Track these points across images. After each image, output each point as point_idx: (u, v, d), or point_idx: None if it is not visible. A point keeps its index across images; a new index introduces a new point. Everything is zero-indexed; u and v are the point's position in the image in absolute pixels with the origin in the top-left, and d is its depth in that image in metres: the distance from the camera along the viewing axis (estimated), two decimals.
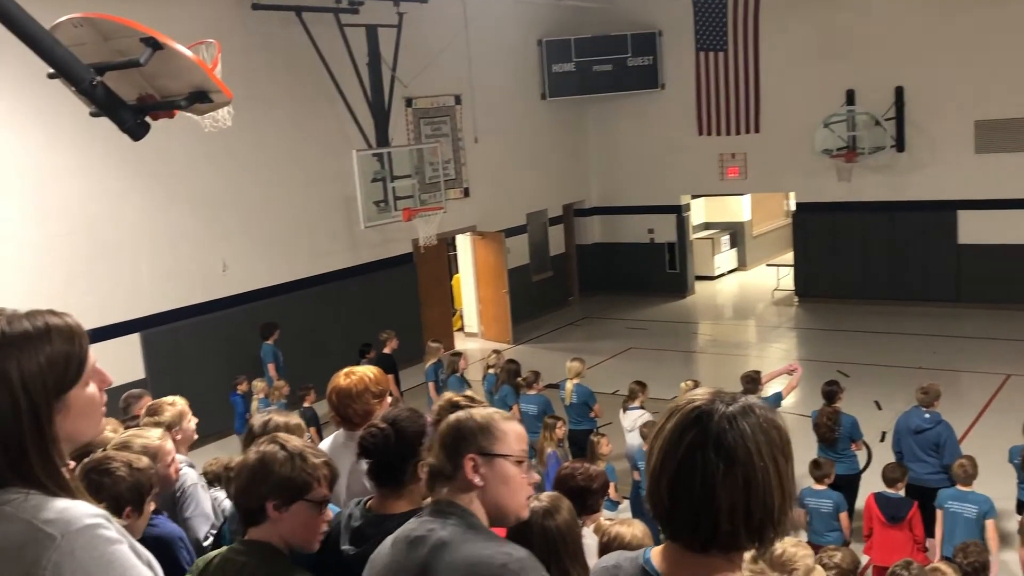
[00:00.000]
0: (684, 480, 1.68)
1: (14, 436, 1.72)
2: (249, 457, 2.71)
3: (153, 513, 3.36)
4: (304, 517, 2.66)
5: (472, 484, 2.32)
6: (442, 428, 2.42)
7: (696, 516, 1.67)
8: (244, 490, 2.69)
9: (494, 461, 2.35)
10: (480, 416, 2.42)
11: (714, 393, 1.76)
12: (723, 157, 19.02)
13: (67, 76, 5.11)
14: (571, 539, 3.25)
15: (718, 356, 15.93)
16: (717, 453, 1.66)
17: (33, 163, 10.98)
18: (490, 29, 17.32)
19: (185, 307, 12.70)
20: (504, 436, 2.39)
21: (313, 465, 2.69)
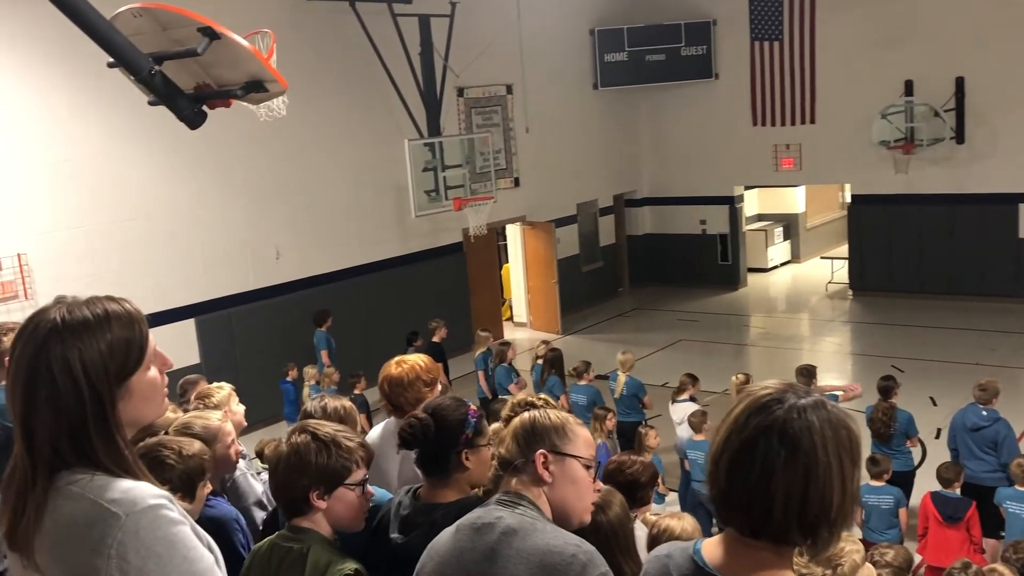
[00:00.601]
0: (743, 462, 1.67)
1: (78, 423, 1.74)
2: (283, 449, 2.71)
3: (211, 495, 3.40)
4: (347, 501, 2.68)
5: (542, 479, 2.34)
6: (516, 422, 2.45)
7: (750, 499, 1.65)
8: (284, 483, 2.69)
9: (565, 460, 2.37)
10: (555, 416, 2.45)
11: (788, 385, 1.74)
12: (777, 148, 18.78)
13: (126, 65, 5.19)
14: (623, 533, 3.23)
15: (770, 349, 15.76)
16: (781, 440, 1.64)
17: (93, 152, 11.19)
18: (542, 18, 17.27)
19: (239, 293, 12.88)
20: (576, 438, 2.42)
21: (348, 449, 2.70)
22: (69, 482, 1.74)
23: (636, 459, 4.34)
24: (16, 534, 1.76)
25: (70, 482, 1.74)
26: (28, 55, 10.53)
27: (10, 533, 1.78)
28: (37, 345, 1.75)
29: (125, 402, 1.80)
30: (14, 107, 10.49)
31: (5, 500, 1.81)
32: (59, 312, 1.78)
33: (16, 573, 1.83)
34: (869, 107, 17.15)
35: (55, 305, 1.81)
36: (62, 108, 10.88)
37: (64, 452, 1.74)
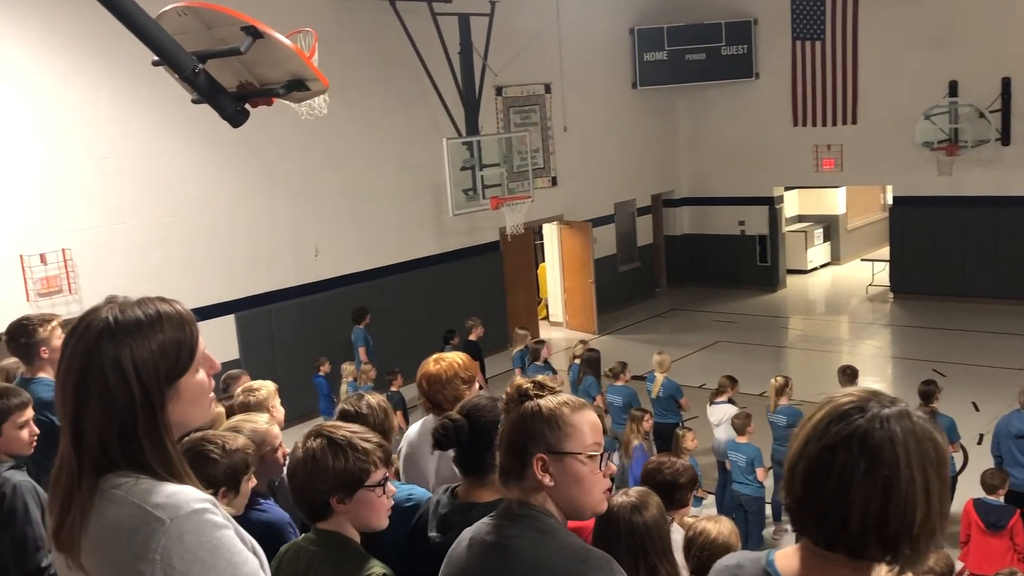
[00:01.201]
0: (820, 470, 1.60)
1: (128, 423, 1.74)
2: (298, 455, 2.68)
3: (261, 497, 3.42)
4: (368, 502, 2.65)
5: (542, 485, 2.21)
6: (507, 425, 2.28)
7: (826, 509, 1.59)
8: (303, 489, 2.66)
9: (564, 459, 2.21)
10: (547, 409, 2.24)
11: (872, 392, 1.68)
12: (818, 148, 18.59)
13: (171, 63, 5.25)
14: (659, 535, 3.21)
15: (809, 352, 15.61)
16: (861, 450, 1.57)
17: (136, 149, 11.34)
18: (582, 18, 17.24)
19: (278, 290, 13.00)
20: (574, 431, 2.23)
21: (365, 451, 2.66)
22: (114, 485, 1.73)
23: (675, 461, 4.31)
24: (62, 534, 1.76)
25: (115, 485, 1.73)
26: (73, 52, 10.69)
27: (57, 533, 1.78)
28: (89, 344, 1.75)
29: (174, 404, 1.80)
30: (60, 104, 10.65)
31: (53, 499, 1.81)
32: (111, 311, 1.78)
33: (62, 573, 1.84)
34: (912, 108, 16.93)
35: (106, 304, 1.81)
36: (106, 105, 11.03)
37: (112, 452, 1.74)
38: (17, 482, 3.76)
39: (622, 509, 3.21)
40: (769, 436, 9.25)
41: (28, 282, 10.36)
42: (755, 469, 8.49)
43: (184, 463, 1.82)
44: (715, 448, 9.51)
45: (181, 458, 1.82)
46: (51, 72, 10.55)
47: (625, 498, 3.27)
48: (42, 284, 10.48)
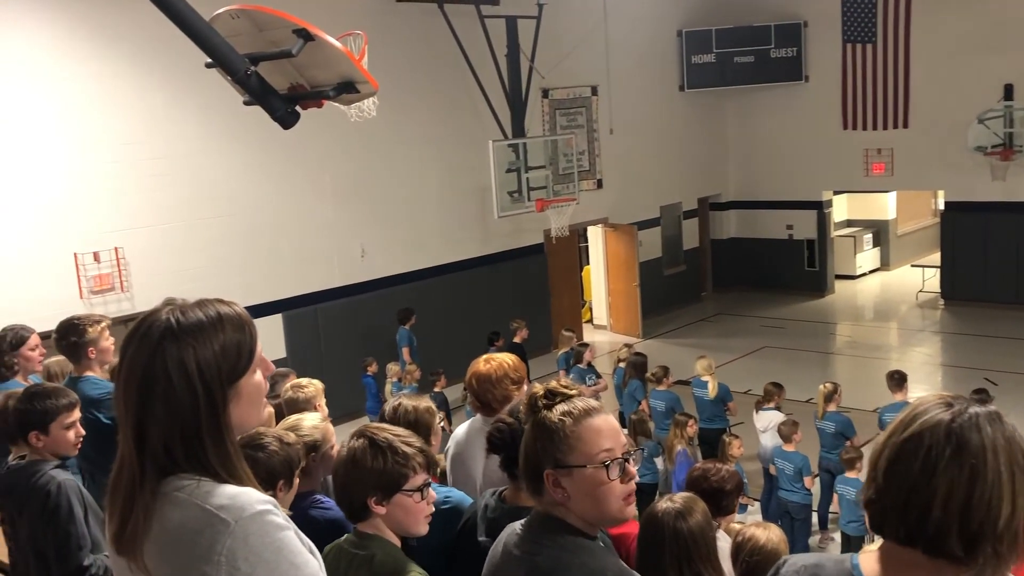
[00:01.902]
0: (905, 458, 1.57)
1: (192, 424, 1.75)
2: (342, 455, 2.71)
3: (318, 495, 3.44)
4: (406, 506, 2.66)
5: (558, 500, 2.16)
6: (523, 439, 2.25)
7: (908, 496, 1.55)
8: (343, 488, 2.69)
9: (572, 473, 2.14)
10: (550, 422, 2.17)
11: (960, 396, 1.65)
12: (868, 152, 18.34)
13: (224, 66, 5.32)
14: (704, 542, 3.18)
15: (857, 358, 15.39)
16: (947, 438, 1.54)
17: (187, 149, 11.50)
18: (629, 20, 17.18)
19: (325, 290, 13.11)
20: (578, 442, 2.15)
21: (405, 455, 2.66)
22: (176, 488, 1.73)
23: (720, 467, 4.28)
24: (124, 538, 1.75)
25: (177, 488, 1.73)
26: (127, 54, 10.87)
27: (118, 536, 1.78)
28: (152, 346, 1.76)
29: (233, 405, 1.80)
30: (115, 105, 10.84)
31: (112, 503, 1.80)
32: (172, 314, 1.79)
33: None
34: (965, 111, 16.63)
35: (165, 307, 1.82)
36: (159, 106, 11.20)
37: (176, 454, 1.74)
38: (61, 480, 3.80)
39: (666, 515, 3.19)
40: (815, 443, 9.14)
41: (82, 280, 10.55)
42: (803, 477, 8.40)
43: (244, 464, 1.83)
44: (761, 455, 9.42)
45: (241, 459, 1.83)
46: (106, 73, 10.74)
47: (670, 504, 3.25)
48: (95, 282, 10.67)
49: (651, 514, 3.26)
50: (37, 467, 3.84)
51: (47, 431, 3.85)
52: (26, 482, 3.82)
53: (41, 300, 9.79)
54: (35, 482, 3.78)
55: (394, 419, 3.45)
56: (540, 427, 2.19)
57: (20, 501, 3.84)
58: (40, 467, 3.84)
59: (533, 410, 2.24)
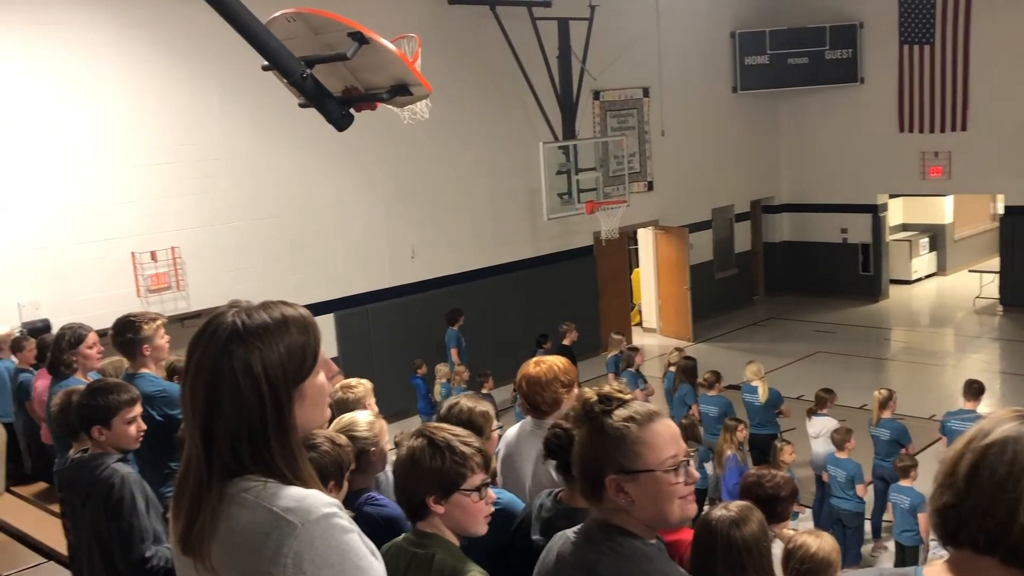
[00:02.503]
0: (989, 463, 1.54)
1: (259, 426, 1.76)
2: (401, 454, 2.73)
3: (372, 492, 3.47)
4: (464, 506, 2.66)
5: (619, 506, 2.14)
6: (577, 446, 2.19)
7: (992, 501, 1.53)
8: (402, 487, 2.71)
9: (638, 478, 2.12)
10: (614, 429, 2.14)
11: None
12: (925, 155, 18.02)
13: (280, 69, 5.39)
14: (758, 551, 3.14)
15: (912, 365, 15.13)
16: None
17: (242, 150, 11.66)
18: (682, 21, 17.07)
19: (375, 291, 13.21)
20: (645, 447, 2.12)
21: (463, 455, 2.67)
22: (243, 490, 1.75)
23: (775, 474, 4.22)
24: (191, 538, 1.77)
25: (243, 490, 1.75)
26: (184, 56, 11.05)
27: (185, 537, 1.79)
28: (219, 348, 1.78)
29: (298, 406, 1.82)
30: (171, 106, 11.02)
31: (178, 503, 1.82)
32: (238, 316, 1.81)
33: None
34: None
35: (231, 309, 1.84)
36: (215, 108, 11.38)
37: (243, 454, 1.76)
38: (125, 474, 3.88)
39: (721, 523, 3.16)
40: (869, 450, 9.00)
41: (139, 279, 10.74)
42: (855, 485, 8.27)
43: (309, 466, 1.84)
44: (813, 461, 9.30)
45: (306, 460, 1.84)
46: (163, 75, 10.93)
47: (725, 512, 3.22)
48: (152, 281, 10.86)
49: (706, 521, 3.23)
50: (100, 460, 3.93)
51: (109, 425, 3.93)
52: (89, 475, 3.91)
53: (99, 299, 10.01)
54: (99, 475, 3.87)
55: (447, 418, 3.47)
56: (601, 433, 2.15)
57: (83, 493, 3.93)
58: (103, 460, 3.93)
59: (589, 416, 2.19)
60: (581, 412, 2.21)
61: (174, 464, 5.14)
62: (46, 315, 9.75)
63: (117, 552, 3.84)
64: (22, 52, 9.85)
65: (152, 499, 3.97)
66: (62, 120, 10.17)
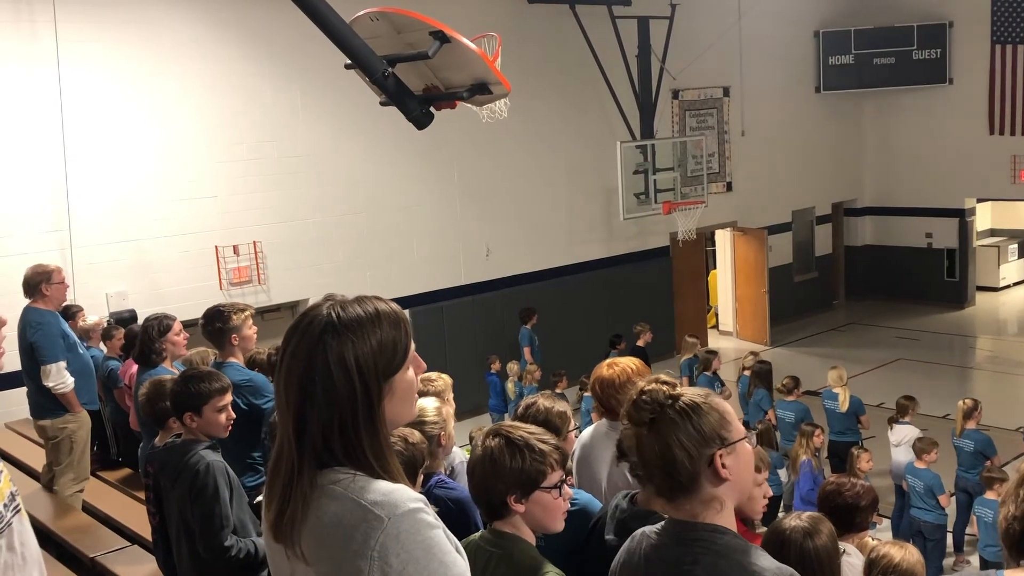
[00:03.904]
0: None
1: (350, 418, 1.79)
2: (478, 454, 2.72)
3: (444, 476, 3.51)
4: (544, 503, 2.66)
5: (717, 493, 2.06)
6: (663, 437, 2.05)
7: None
8: (481, 487, 2.70)
9: (735, 448, 2.07)
10: (705, 403, 2.07)
11: None
12: (1016, 159, 17.44)
13: (363, 67, 5.46)
14: (829, 564, 3.08)
15: (998, 374, 14.66)
16: None
17: (324, 147, 11.85)
18: (764, 20, 16.81)
19: (450, 288, 13.30)
20: (732, 416, 2.10)
21: (542, 452, 2.66)
22: (332, 481, 1.78)
23: (855, 482, 4.13)
24: (282, 525, 1.81)
25: (333, 481, 1.78)
26: (268, 54, 11.26)
27: (276, 524, 1.82)
28: (313, 339, 1.81)
29: (387, 400, 1.85)
30: (256, 103, 11.25)
31: (271, 490, 1.86)
32: (333, 309, 1.84)
33: (278, 563, 1.89)
34: None
35: (326, 302, 1.87)
36: (297, 105, 11.58)
37: (334, 445, 1.79)
38: (211, 461, 3.97)
39: (794, 532, 3.10)
40: (951, 460, 8.75)
41: (222, 272, 10.99)
42: (935, 495, 8.05)
43: (396, 460, 1.86)
44: (893, 470, 9.08)
45: (394, 455, 1.87)
46: (248, 73, 11.15)
47: (798, 522, 3.16)
48: (234, 274, 11.10)
49: (778, 530, 3.18)
50: (190, 446, 4.04)
51: (200, 413, 4.03)
52: (178, 460, 4.02)
53: (184, 291, 10.28)
54: (187, 460, 3.97)
55: (524, 418, 3.48)
56: (695, 414, 2.06)
57: (172, 478, 4.05)
58: (193, 447, 4.03)
59: (668, 404, 2.09)
60: (650, 403, 2.10)
61: (256, 455, 5.26)
62: (132, 306, 10.03)
63: (198, 537, 3.94)
64: (109, 52, 10.14)
65: (238, 488, 4.06)
66: (148, 118, 10.45)
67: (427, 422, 3.54)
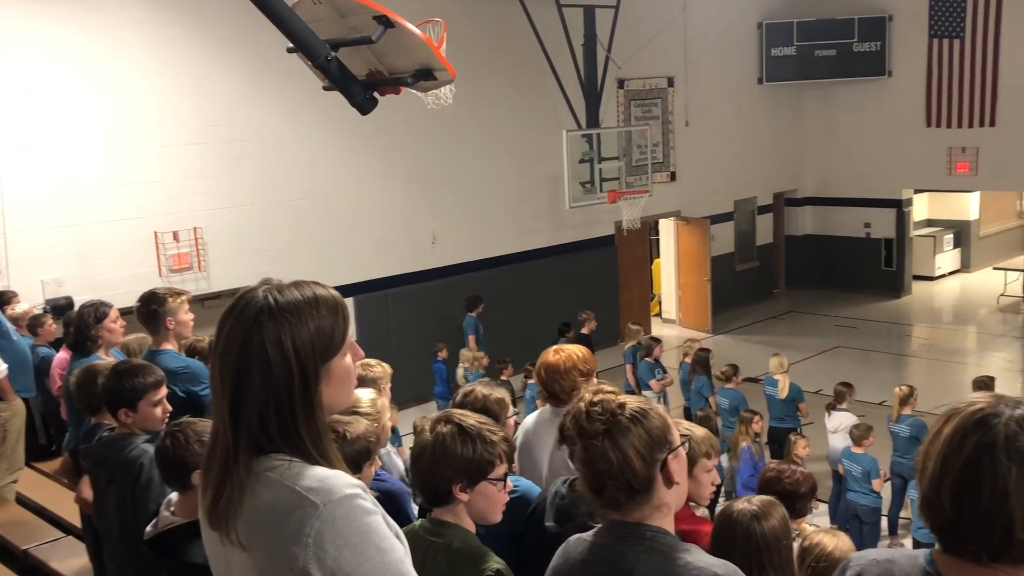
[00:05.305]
0: (970, 487, 1.56)
1: (287, 401, 1.77)
2: (427, 438, 2.68)
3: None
4: (488, 494, 2.66)
5: (663, 499, 2.09)
6: (622, 443, 2.05)
7: (986, 525, 1.55)
8: (428, 473, 2.67)
9: (679, 452, 2.12)
10: (648, 412, 2.10)
11: (997, 397, 1.64)
12: (952, 151, 17.84)
13: (305, 51, 5.39)
14: (778, 548, 3.11)
15: (933, 362, 15.02)
16: (1008, 457, 1.53)
17: (267, 133, 11.69)
18: (709, 11, 16.95)
19: (395, 276, 13.23)
20: (671, 420, 2.15)
21: (492, 443, 2.66)
22: (268, 468, 1.76)
23: (796, 469, 4.19)
24: (217, 512, 1.79)
25: (269, 468, 1.76)
26: (211, 37, 11.08)
27: (211, 510, 1.81)
28: (249, 322, 1.79)
29: (324, 385, 1.83)
30: (197, 87, 11.06)
31: (206, 476, 1.84)
32: (270, 292, 1.83)
33: (214, 550, 1.87)
34: None
35: (262, 286, 1.86)
36: (240, 90, 11.40)
37: (270, 429, 1.77)
38: (153, 454, 3.90)
39: (742, 515, 3.13)
40: (886, 445, 8.95)
41: (161, 258, 10.81)
42: (871, 480, 8.23)
43: (333, 446, 1.85)
44: (830, 456, 9.26)
45: (331, 440, 1.85)
46: (191, 55, 10.96)
47: (747, 505, 3.19)
48: (174, 261, 10.92)
49: (726, 513, 3.21)
50: (128, 440, 3.94)
51: (135, 408, 3.94)
52: (117, 454, 3.92)
53: (122, 277, 10.08)
54: (127, 454, 3.88)
55: (463, 405, 3.47)
56: (642, 418, 2.09)
57: (111, 472, 3.94)
58: (131, 440, 3.93)
59: (613, 412, 2.09)
60: (607, 415, 2.09)
61: None
62: (69, 292, 9.83)
63: (140, 533, 3.86)
64: (50, 32, 9.89)
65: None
66: (90, 99, 10.23)
67: (361, 413, 3.51)
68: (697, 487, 3.28)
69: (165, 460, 3.34)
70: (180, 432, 3.31)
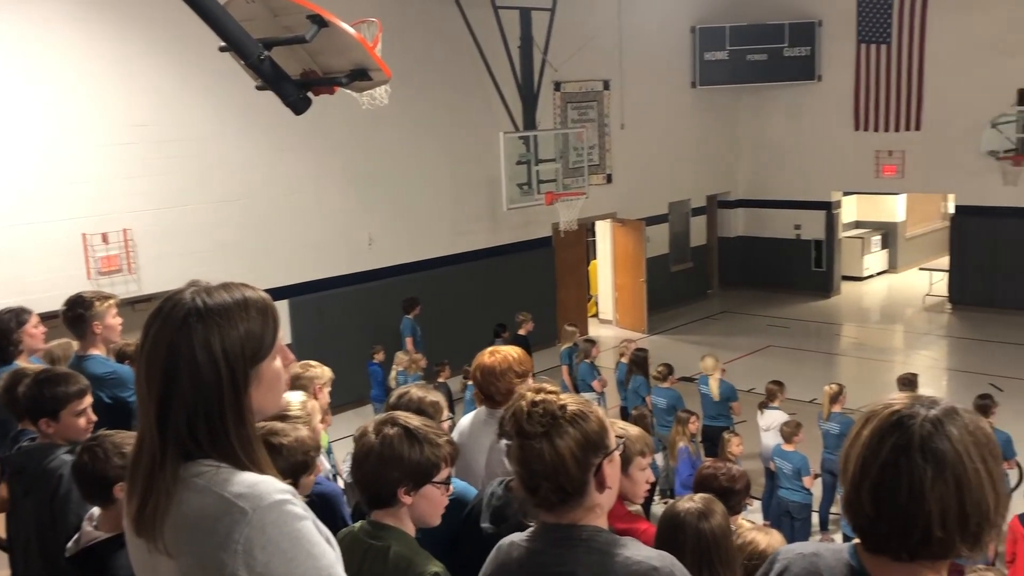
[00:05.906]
0: (888, 487, 1.59)
1: (216, 405, 1.74)
2: (372, 440, 2.64)
3: None
4: (431, 497, 2.65)
5: (598, 500, 2.10)
6: (559, 445, 2.05)
7: (905, 525, 1.58)
8: (372, 475, 2.63)
9: (613, 455, 2.13)
10: (589, 413, 2.11)
11: (913, 397, 1.67)
12: (879, 154, 18.28)
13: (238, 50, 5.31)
14: (724, 544, 3.16)
15: (862, 360, 15.37)
16: (924, 458, 1.57)
17: (198, 133, 11.50)
18: (643, 15, 17.13)
19: (331, 277, 13.11)
20: (608, 424, 2.14)
21: (438, 446, 2.66)
22: (195, 474, 1.73)
23: (730, 467, 4.26)
24: (143, 519, 1.75)
25: (196, 474, 1.73)
26: (140, 36, 10.87)
27: (137, 518, 1.77)
28: (177, 324, 1.76)
29: (254, 388, 1.80)
30: (126, 87, 10.84)
31: (132, 483, 1.79)
32: (198, 295, 1.79)
33: (139, 559, 1.83)
34: (978, 115, 16.57)
35: (190, 288, 1.82)
36: (170, 89, 11.20)
37: (199, 435, 1.74)
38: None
39: (689, 515, 3.17)
40: (817, 443, 9.14)
41: (90, 260, 10.56)
42: (802, 477, 8.40)
43: (264, 451, 1.82)
44: (762, 454, 9.42)
45: (261, 445, 1.82)
46: (120, 54, 10.74)
47: (691, 504, 3.23)
48: (103, 263, 10.69)
49: (672, 513, 3.24)
50: (49, 451, 3.79)
51: (57, 418, 3.80)
52: (36, 465, 3.77)
53: (48, 280, 9.82)
54: (46, 465, 3.73)
55: (397, 407, 3.45)
56: (581, 420, 2.09)
57: (28, 483, 3.80)
58: (52, 451, 3.78)
59: (555, 414, 2.10)
60: (547, 417, 2.09)
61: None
62: None
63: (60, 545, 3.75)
64: None
65: None
66: (16, 97, 9.96)
67: (290, 416, 3.46)
68: (632, 485, 3.31)
69: (84, 476, 3.20)
70: (98, 446, 3.19)
